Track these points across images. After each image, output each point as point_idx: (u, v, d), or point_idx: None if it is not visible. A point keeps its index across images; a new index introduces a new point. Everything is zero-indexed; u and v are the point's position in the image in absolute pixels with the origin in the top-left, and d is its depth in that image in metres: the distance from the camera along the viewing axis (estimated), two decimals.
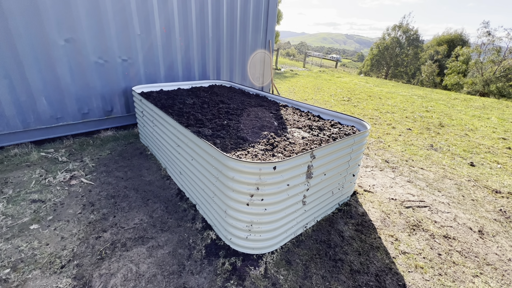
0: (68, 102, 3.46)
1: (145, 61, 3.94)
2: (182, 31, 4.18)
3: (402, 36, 32.08)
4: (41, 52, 3.09)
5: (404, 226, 2.42)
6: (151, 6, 3.73)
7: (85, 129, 3.77)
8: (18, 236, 2.05)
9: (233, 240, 2.00)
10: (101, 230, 2.15)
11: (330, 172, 2.20)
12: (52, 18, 3.05)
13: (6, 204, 2.39)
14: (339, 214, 2.51)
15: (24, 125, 3.25)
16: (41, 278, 1.73)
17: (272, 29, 5.44)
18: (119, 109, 3.94)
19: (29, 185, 2.69)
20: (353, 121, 2.80)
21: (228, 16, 4.68)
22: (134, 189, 2.75)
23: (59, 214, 2.32)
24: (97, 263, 1.85)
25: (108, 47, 3.54)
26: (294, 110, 3.32)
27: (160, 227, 2.23)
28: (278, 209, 1.86)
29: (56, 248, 1.96)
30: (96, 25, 3.36)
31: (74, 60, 3.33)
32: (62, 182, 2.78)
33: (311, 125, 2.71)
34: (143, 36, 3.79)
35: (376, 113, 6.35)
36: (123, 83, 3.83)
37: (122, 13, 3.51)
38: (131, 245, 2.02)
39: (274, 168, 1.68)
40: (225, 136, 2.34)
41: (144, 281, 1.74)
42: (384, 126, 5.39)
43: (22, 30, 2.92)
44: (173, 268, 1.85)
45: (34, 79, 3.14)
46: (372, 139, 4.63)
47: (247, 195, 1.76)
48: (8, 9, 2.80)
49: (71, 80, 3.39)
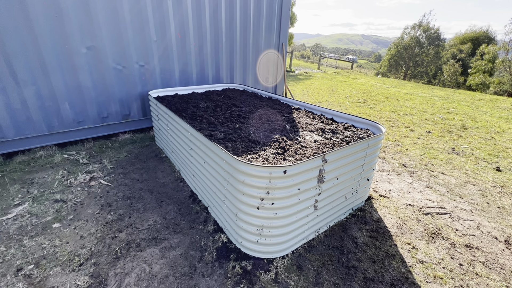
0: (89, 106, 3.63)
1: (161, 66, 4.07)
2: (196, 36, 4.28)
3: (422, 35, 30.94)
4: (64, 60, 3.27)
5: (422, 233, 2.32)
6: (166, 13, 3.85)
7: (104, 132, 3.93)
8: (41, 234, 2.17)
9: (244, 244, 2.00)
10: (117, 230, 2.23)
11: (343, 176, 2.16)
12: (75, 28, 3.23)
13: (32, 203, 2.53)
14: (353, 220, 2.45)
15: (49, 129, 3.44)
16: (61, 275, 1.81)
17: (285, 31, 5.43)
18: (136, 113, 4.08)
19: (52, 186, 2.84)
20: (367, 124, 2.73)
21: (241, 20, 4.73)
22: (149, 190, 2.83)
23: (79, 214, 2.43)
24: (113, 262, 1.92)
25: (126, 54, 3.69)
26: (307, 113, 3.29)
27: (173, 228, 2.27)
28: (289, 213, 1.84)
29: (76, 247, 2.05)
30: (115, 33, 3.51)
31: (94, 66, 3.50)
32: (82, 183, 2.91)
33: (323, 128, 2.67)
34: (159, 42, 3.92)
35: (393, 115, 6.15)
36: (140, 88, 3.97)
37: (139, 20, 3.65)
38: (144, 245, 2.07)
39: (285, 172, 1.67)
40: (237, 140, 2.36)
41: (156, 281, 1.78)
42: (402, 128, 5.21)
43: (48, 40, 3.11)
44: (184, 270, 1.87)
45: (58, 85, 3.32)
46: (388, 142, 4.49)
47: (258, 199, 1.76)
48: (36, 20, 2.99)
49: (92, 85, 3.56)
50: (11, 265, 1.87)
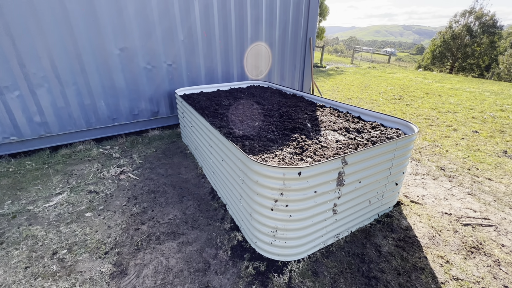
0: (121, 104, 3.87)
1: (188, 65, 4.18)
2: (222, 34, 4.31)
3: (474, 23, 27.65)
4: (100, 61, 3.52)
5: (459, 247, 2.07)
6: (193, 13, 3.93)
7: (135, 128, 4.18)
8: (75, 222, 2.37)
9: (258, 244, 1.97)
10: (140, 222, 2.34)
11: (367, 179, 2.00)
12: (110, 31, 3.45)
13: (69, 193, 2.79)
14: (378, 226, 2.27)
15: (87, 125, 3.74)
16: (89, 261, 1.96)
17: (313, 26, 5.22)
18: (164, 110, 4.26)
19: (88, 177, 3.09)
20: (398, 123, 2.50)
21: (267, 16, 4.65)
22: (172, 185, 2.93)
23: (108, 205, 2.61)
24: (134, 253, 2.02)
25: (155, 54, 3.85)
26: (332, 110, 3.12)
27: (191, 224, 2.33)
28: (304, 216, 1.76)
29: (103, 236, 2.20)
30: (145, 34, 3.68)
31: (126, 66, 3.71)
32: (113, 176, 3.12)
33: (348, 127, 2.51)
34: (186, 42, 4.02)
35: (433, 113, 5.60)
36: (168, 86, 4.13)
37: (167, 21, 3.78)
38: (164, 239, 2.15)
39: (299, 173, 1.59)
40: (255, 138, 2.32)
41: (172, 275, 1.83)
42: (443, 128, 4.72)
43: (86, 43, 3.37)
44: (199, 266, 1.91)
45: (95, 85, 3.59)
46: (425, 143, 4.09)
47: (271, 200, 1.71)
48: (76, 26, 3.25)
49: (124, 84, 3.79)
50: (49, 248, 2.08)
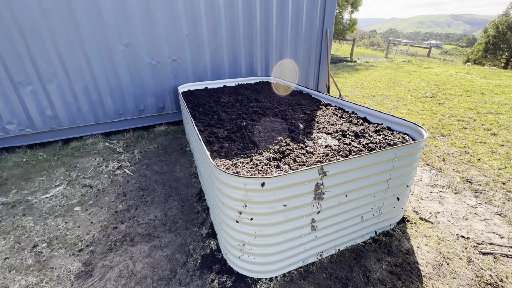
0: (127, 100, 3.93)
1: (193, 60, 4.10)
2: (229, 28, 4.14)
3: None
4: (106, 56, 3.58)
5: (471, 281, 1.69)
6: (197, 6, 3.81)
7: (142, 123, 4.23)
8: (63, 215, 2.42)
9: (229, 256, 1.81)
10: (120, 221, 2.31)
11: (356, 193, 1.72)
12: (114, 27, 3.48)
13: (66, 186, 2.88)
14: (373, 246, 1.97)
15: (95, 119, 3.87)
16: (63, 257, 1.97)
17: (330, 17, 4.81)
18: (170, 106, 4.25)
19: (87, 171, 3.18)
20: (407, 126, 2.14)
21: (278, 8, 4.37)
22: (163, 183, 2.88)
23: (97, 200, 2.63)
24: (105, 253, 1.98)
25: (160, 49, 3.82)
26: (336, 110, 2.81)
27: (169, 226, 2.24)
28: (274, 232, 1.55)
29: (83, 232, 2.21)
30: (149, 29, 3.66)
31: (131, 62, 3.74)
32: (110, 170, 3.17)
33: (346, 130, 2.21)
34: (191, 36, 3.93)
35: (470, 113, 4.87)
36: (173, 82, 4.09)
37: (171, 15, 3.71)
38: (137, 240, 2.09)
39: (262, 184, 1.39)
40: (237, 139, 2.14)
41: (134, 281, 1.75)
42: (479, 131, 4.06)
43: (91, 39, 3.44)
44: (164, 274, 1.80)
45: (101, 80, 3.67)
46: (454, 148, 3.54)
47: (236, 212, 1.53)
48: (82, 23, 3.33)
49: (130, 80, 3.83)
50: (32, 240, 2.13)
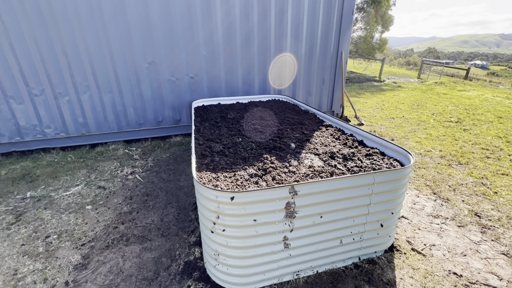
0: (148, 111, 4.32)
1: (209, 77, 4.41)
2: (244, 48, 4.42)
3: None
4: (131, 72, 4.02)
5: None
6: (215, 30, 4.15)
7: (159, 134, 4.59)
8: (76, 212, 2.72)
9: (207, 265, 1.91)
10: (121, 222, 2.54)
11: (332, 215, 1.74)
12: (140, 48, 3.93)
13: (84, 186, 3.22)
14: (353, 272, 1.93)
15: (118, 128, 4.29)
16: (67, 249, 2.22)
17: (345, 39, 4.89)
18: (185, 118, 4.56)
19: (105, 174, 3.52)
20: (398, 152, 2.12)
21: (292, 32, 4.58)
22: (166, 191, 3.09)
23: (107, 201, 2.91)
24: (102, 249, 2.20)
25: (179, 67, 4.19)
26: (335, 131, 2.84)
27: (163, 231, 2.40)
28: (245, 245, 1.63)
29: (89, 228, 2.47)
30: (171, 50, 4.06)
31: (153, 78, 4.15)
32: (124, 175, 3.48)
33: (335, 152, 2.24)
34: (208, 56, 4.26)
35: (498, 142, 4.51)
36: (189, 97, 4.42)
37: (191, 38, 4.09)
38: (132, 241, 2.28)
39: (232, 198, 1.50)
40: (229, 154, 2.28)
41: (120, 278, 1.92)
42: (504, 162, 3.75)
43: (120, 56, 3.90)
44: (148, 274, 1.95)
45: (126, 93, 4.11)
46: (469, 178, 3.32)
47: (211, 222, 1.64)
48: (113, 42, 3.81)
49: (151, 94, 4.22)
50: (46, 231, 2.43)
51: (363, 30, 18.66)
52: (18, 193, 3.07)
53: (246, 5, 4.20)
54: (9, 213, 2.70)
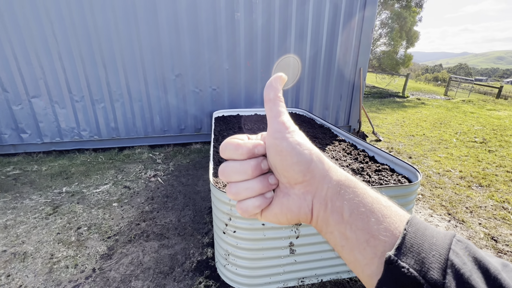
0: (172, 119, 4.65)
1: (229, 90, 4.69)
2: (265, 62, 4.67)
3: None
4: (160, 84, 4.39)
5: None
6: (238, 45, 4.45)
7: (181, 140, 4.89)
8: (104, 208, 3.01)
9: (217, 264, 2.06)
10: (143, 220, 2.77)
11: None
12: (169, 61, 4.30)
13: (111, 185, 3.53)
14: (358, 284, 1.98)
15: (145, 133, 4.65)
16: (95, 240, 2.47)
17: (364, 57, 4.99)
18: (206, 127, 4.84)
19: (130, 175, 3.83)
20: (407, 169, 2.17)
21: (312, 48, 4.76)
22: (184, 194, 3.31)
23: (131, 200, 3.18)
24: (125, 243, 2.42)
25: (203, 80, 4.51)
26: (348, 146, 2.93)
27: (179, 231, 2.60)
28: (253, 247, 1.77)
29: (114, 223, 2.72)
30: (196, 64, 4.41)
31: (179, 89, 4.49)
32: (147, 177, 3.77)
33: (345, 167, 2.34)
34: (230, 70, 4.55)
35: None
36: (210, 107, 4.71)
37: (216, 53, 4.42)
38: (151, 238, 2.49)
39: None
40: None
41: (140, 269, 2.12)
42: None
43: (151, 69, 4.30)
44: (164, 269, 2.13)
45: (154, 102, 4.48)
46: (489, 201, 3.22)
47: (223, 223, 1.80)
48: (146, 57, 4.22)
49: (176, 103, 4.56)
50: (78, 223, 2.72)
51: (387, 45, 18.50)
52: (55, 188, 3.44)
53: (268, 24, 4.47)
54: (47, 205, 3.04)
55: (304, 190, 0.35)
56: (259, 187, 0.36)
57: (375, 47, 18.96)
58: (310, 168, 0.34)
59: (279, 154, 0.34)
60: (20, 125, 4.19)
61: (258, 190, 0.36)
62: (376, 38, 18.37)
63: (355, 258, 0.31)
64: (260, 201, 0.37)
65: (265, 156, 0.38)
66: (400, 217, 0.31)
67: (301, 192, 0.35)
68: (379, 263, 0.29)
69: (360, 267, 0.31)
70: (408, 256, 0.27)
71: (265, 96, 0.37)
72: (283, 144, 0.34)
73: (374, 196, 0.33)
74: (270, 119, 0.36)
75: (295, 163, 0.34)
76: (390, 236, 0.29)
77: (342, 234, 0.32)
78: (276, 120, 0.36)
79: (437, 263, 0.26)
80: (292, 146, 0.34)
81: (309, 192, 0.35)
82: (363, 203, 0.32)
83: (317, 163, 0.34)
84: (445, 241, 0.28)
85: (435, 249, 0.27)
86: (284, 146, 0.34)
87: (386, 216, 0.31)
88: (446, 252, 0.27)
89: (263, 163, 0.37)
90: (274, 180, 0.37)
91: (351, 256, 0.32)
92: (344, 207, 0.32)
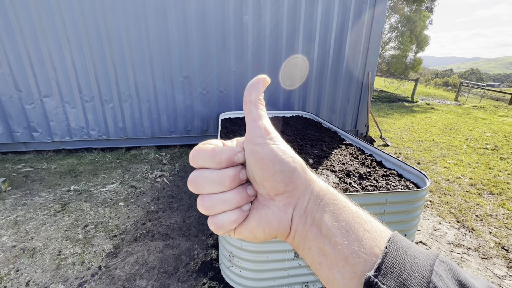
0: (179, 120, 4.70)
1: (236, 92, 4.71)
2: (272, 65, 4.68)
3: None
4: (168, 85, 4.45)
5: None
6: (246, 50, 4.48)
7: (187, 142, 4.93)
8: (110, 206, 3.05)
9: (222, 266, 2.05)
10: (148, 219, 2.80)
11: None
12: (178, 63, 4.36)
13: (118, 184, 3.58)
14: None
15: (152, 134, 4.71)
16: (102, 239, 2.50)
17: (373, 61, 4.95)
18: (212, 129, 4.87)
19: (137, 175, 3.87)
20: (415, 174, 2.14)
21: (319, 51, 4.76)
22: (190, 195, 3.33)
23: (137, 200, 3.21)
24: (131, 242, 2.45)
25: (210, 82, 4.55)
26: (355, 150, 2.90)
27: (184, 232, 2.61)
28: (256, 249, 1.76)
29: (120, 222, 2.75)
30: (204, 66, 4.45)
31: (187, 91, 4.54)
32: (153, 177, 3.80)
33: (352, 171, 2.32)
34: (237, 72, 4.58)
35: None
36: (217, 109, 4.74)
37: (224, 56, 4.45)
38: (156, 237, 2.51)
39: None
40: None
41: (144, 268, 2.13)
42: None
43: (160, 70, 4.36)
44: (169, 269, 2.14)
45: (161, 103, 4.53)
46: (501, 210, 3.13)
47: None
48: (155, 59, 4.28)
49: (183, 105, 4.61)
50: (85, 221, 2.76)
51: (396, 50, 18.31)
52: (64, 186, 3.50)
53: (276, 27, 4.49)
54: (56, 202, 3.10)
55: (285, 202, 0.32)
56: (237, 199, 0.33)
57: (384, 51, 18.80)
58: (293, 178, 0.31)
59: (260, 162, 0.31)
60: (31, 124, 4.29)
61: (236, 203, 0.33)
62: (385, 42, 18.21)
63: (333, 277, 0.29)
64: (237, 215, 0.33)
65: (243, 165, 0.34)
66: (381, 233, 0.30)
67: (282, 204, 0.32)
68: (358, 284, 0.27)
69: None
70: (388, 278, 0.25)
71: (245, 97, 0.34)
72: (265, 150, 0.31)
73: (354, 210, 0.31)
74: (250, 122, 0.33)
75: (277, 172, 0.31)
76: (370, 254, 0.27)
77: (320, 250, 0.30)
78: (256, 123, 0.33)
79: (418, 286, 0.25)
80: (275, 154, 0.31)
81: (290, 204, 0.32)
82: (343, 217, 0.30)
83: (300, 173, 0.32)
84: (427, 261, 0.27)
85: (417, 270, 0.26)
86: (266, 153, 0.31)
87: (367, 231, 0.29)
88: (428, 274, 0.25)
89: (242, 173, 0.33)
90: (253, 191, 0.34)
91: (329, 276, 0.29)
92: (324, 220, 0.30)
